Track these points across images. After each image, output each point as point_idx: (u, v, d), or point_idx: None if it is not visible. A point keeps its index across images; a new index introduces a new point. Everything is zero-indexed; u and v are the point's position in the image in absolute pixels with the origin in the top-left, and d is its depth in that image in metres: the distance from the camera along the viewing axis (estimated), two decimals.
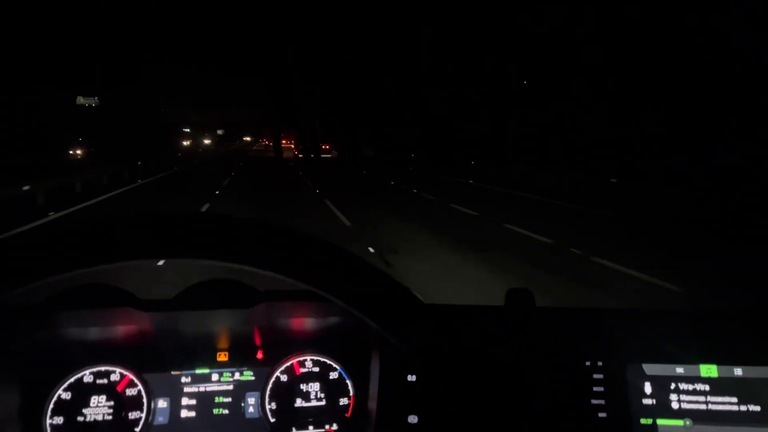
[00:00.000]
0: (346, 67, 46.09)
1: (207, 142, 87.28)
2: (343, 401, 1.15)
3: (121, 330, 1.10)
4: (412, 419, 1.09)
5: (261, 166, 35.07)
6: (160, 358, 1.12)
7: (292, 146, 65.01)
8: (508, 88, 28.70)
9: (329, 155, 55.54)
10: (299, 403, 1.13)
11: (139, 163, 25.33)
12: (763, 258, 8.24)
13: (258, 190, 19.02)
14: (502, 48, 28.72)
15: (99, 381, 1.08)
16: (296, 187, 20.49)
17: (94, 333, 1.09)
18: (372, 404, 1.11)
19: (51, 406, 1.05)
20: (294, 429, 1.12)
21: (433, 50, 35.73)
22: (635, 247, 8.80)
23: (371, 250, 8.02)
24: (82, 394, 1.06)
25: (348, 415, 1.15)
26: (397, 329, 0.66)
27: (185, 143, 73.17)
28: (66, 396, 1.06)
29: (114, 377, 1.09)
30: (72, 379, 1.07)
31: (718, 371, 1.07)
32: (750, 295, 6.02)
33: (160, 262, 0.68)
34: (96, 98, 52.10)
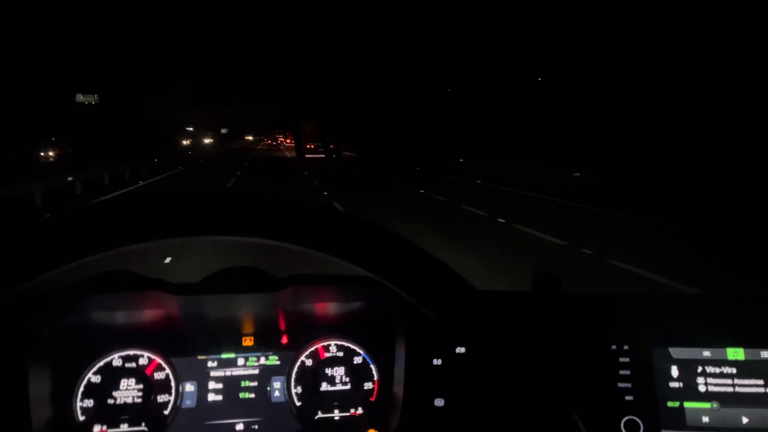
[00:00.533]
0: (367, 64, 46.34)
1: (207, 141, 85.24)
2: (368, 385, 1.18)
3: (149, 314, 1.13)
4: (439, 402, 1.12)
5: (265, 174, 29.22)
6: (187, 342, 1.14)
7: (312, 146, 63.68)
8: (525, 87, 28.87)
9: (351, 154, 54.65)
10: (324, 387, 1.16)
11: (69, 179, 17.49)
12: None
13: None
14: (517, 46, 28.92)
15: (128, 365, 1.11)
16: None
17: (122, 317, 1.12)
18: (398, 388, 1.14)
19: (81, 389, 1.08)
20: (320, 412, 1.15)
21: (453, 48, 36.02)
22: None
23: None
24: (112, 377, 1.09)
25: (373, 399, 1.18)
26: (442, 307, 0.68)
27: (185, 142, 71.79)
28: (96, 379, 1.09)
29: (142, 361, 1.12)
30: (101, 363, 1.10)
31: (745, 354, 1.09)
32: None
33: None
34: (96, 96, 52.15)
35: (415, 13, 39.56)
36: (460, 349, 1.12)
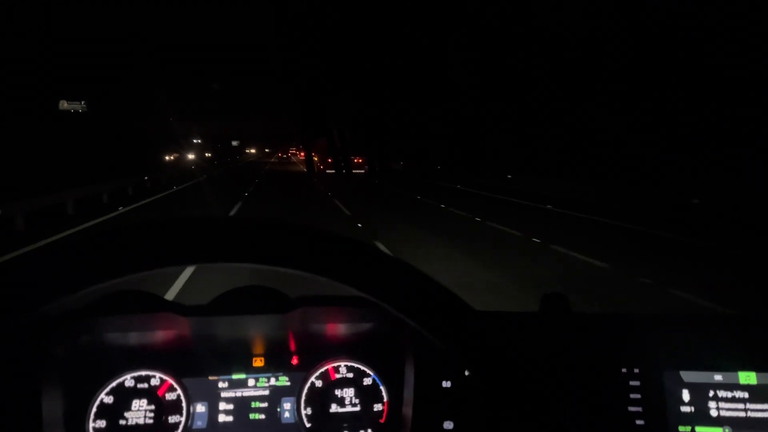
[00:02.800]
0: (375, 73, 46.95)
1: (191, 156, 74.57)
2: (378, 407, 1.26)
3: (161, 335, 1.22)
4: (448, 425, 1.21)
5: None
6: (198, 363, 1.24)
7: (317, 159, 63.83)
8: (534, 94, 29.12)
9: (362, 170, 54.25)
10: (334, 408, 1.25)
11: None
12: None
13: None
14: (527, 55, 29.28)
15: (140, 385, 1.20)
16: None
17: (134, 338, 1.21)
18: (407, 410, 1.23)
19: (94, 410, 1.17)
20: None
21: (461, 57, 36.50)
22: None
23: None
24: (124, 398, 1.18)
25: (382, 420, 1.26)
26: (445, 332, 0.75)
27: (168, 158, 63.75)
28: (108, 400, 1.18)
29: (154, 382, 1.21)
30: (114, 384, 1.19)
31: (757, 378, 1.17)
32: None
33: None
34: (83, 103, 52.14)
35: (426, 22, 40.29)
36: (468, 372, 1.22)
